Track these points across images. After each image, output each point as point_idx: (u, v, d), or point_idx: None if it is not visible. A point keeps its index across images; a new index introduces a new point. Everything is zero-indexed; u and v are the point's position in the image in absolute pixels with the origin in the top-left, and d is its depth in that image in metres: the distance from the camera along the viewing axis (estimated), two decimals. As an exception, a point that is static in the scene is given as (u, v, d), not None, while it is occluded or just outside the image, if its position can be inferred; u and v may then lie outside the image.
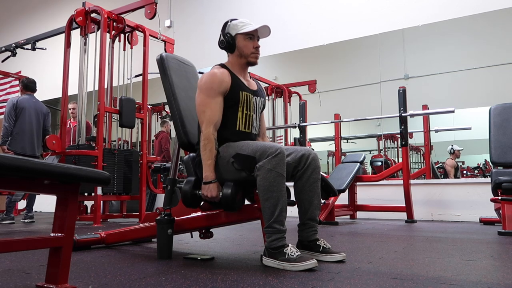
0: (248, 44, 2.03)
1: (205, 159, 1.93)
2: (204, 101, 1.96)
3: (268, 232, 1.81)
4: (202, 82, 2.00)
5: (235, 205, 1.90)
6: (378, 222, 4.50)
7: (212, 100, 1.95)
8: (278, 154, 1.80)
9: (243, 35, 2.03)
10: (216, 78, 1.97)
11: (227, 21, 2.08)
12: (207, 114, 1.94)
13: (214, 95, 1.95)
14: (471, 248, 2.41)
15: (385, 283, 1.50)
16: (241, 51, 2.04)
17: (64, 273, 1.38)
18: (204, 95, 1.97)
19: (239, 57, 2.06)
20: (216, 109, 1.95)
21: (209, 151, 1.92)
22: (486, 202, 3.92)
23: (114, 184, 4.67)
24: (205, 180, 1.93)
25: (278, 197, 1.79)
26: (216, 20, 7.07)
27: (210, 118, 1.94)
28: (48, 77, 7.59)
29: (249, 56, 2.05)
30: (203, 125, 1.95)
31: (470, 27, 5.39)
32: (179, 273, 1.68)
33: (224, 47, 2.06)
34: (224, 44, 2.05)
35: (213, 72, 2.00)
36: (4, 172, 1.13)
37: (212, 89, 1.96)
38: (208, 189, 1.92)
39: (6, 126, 4.68)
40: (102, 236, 2.51)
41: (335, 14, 6.06)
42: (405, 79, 5.80)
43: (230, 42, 2.04)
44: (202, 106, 1.96)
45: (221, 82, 1.97)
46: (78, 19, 4.80)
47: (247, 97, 2.04)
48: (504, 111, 3.85)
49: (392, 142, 6.45)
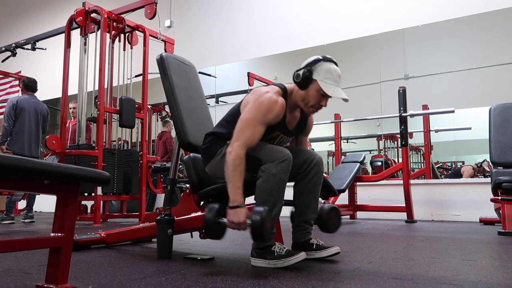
0: (316, 98, 1.89)
1: (234, 180, 1.76)
2: (252, 122, 1.82)
3: None
4: (259, 102, 1.83)
5: (266, 235, 1.68)
6: (378, 222, 4.50)
7: (259, 125, 1.82)
8: (284, 160, 1.77)
9: (320, 88, 1.86)
10: (275, 110, 1.84)
11: (318, 59, 1.89)
12: (247, 134, 1.80)
13: (263, 122, 1.83)
14: (471, 248, 2.41)
15: (385, 283, 1.50)
16: (307, 97, 1.90)
17: (64, 273, 1.38)
18: (254, 116, 1.82)
19: (301, 99, 1.91)
20: (257, 135, 1.82)
21: (240, 173, 1.77)
22: (486, 202, 3.92)
23: (114, 184, 4.67)
24: (233, 204, 1.75)
25: (275, 202, 1.79)
26: (216, 20, 7.08)
27: (248, 139, 1.80)
28: (48, 77, 7.59)
29: (309, 107, 1.92)
30: (237, 143, 1.79)
31: (470, 27, 5.39)
32: (179, 273, 1.68)
33: (297, 82, 1.89)
34: (299, 79, 1.88)
35: (276, 102, 1.84)
36: (4, 172, 1.13)
37: (265, 116, 1.83)
38: (235, 214, 1.73)
39: (6, 126, 4.68)
40: (102, 236, 2.51)
41: (335, 14, 6.06)
42: (405, 79, 5.80)
43: (306, 81, 1.87)
44: (245, 123, 1.82)
45: (276, 116, 1.86)
46: (78, 19, 4.80)
47: (278, 137, 1.98)
48: (504, 111, 3.85)
49: (392, 142, 6.45)
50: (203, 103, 2.40)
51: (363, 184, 5.18)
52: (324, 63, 1.88)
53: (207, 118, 2.38)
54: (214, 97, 7.24)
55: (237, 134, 1.82)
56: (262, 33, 6.57)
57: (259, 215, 1.66)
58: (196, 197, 2.19)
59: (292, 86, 1.94)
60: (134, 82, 5.44)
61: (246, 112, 1.85)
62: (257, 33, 6.62)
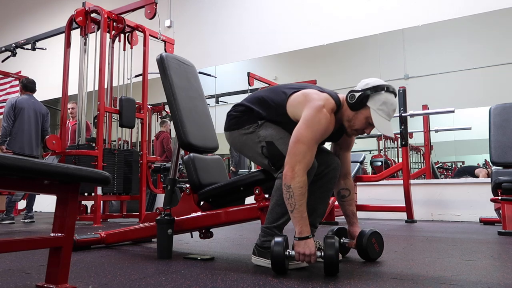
0: (363, 124, 1.80)
1: (301, 210, 1.66)
2: (311, 143, 1.71)
3: (265, 232, 1.81)
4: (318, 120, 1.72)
5: (338, 268, 1.60)
6: (378, 222, 4.50)
7: (316, 145, 1.74)
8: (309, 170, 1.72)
9: (370, 117, 1.76)
10: (330, 128, 1.78)
11: (382, 87, 1.76)
12: (308, 158, 1.70)
13: (319, 140, 1.75)
14: (471, 248, 2.41)
15: (385, 283, 1.50)
16: (354, 119, 1.81)
17: (64, 273, 1.38)
18: (313, 136, 1.71)
19: (348, 119, 1.82)
20: (314, 156, 1.74)
21: (305, 201, 1.68)
22: (486, 202, 3.92)
23: (114, 184, 4.67)
24: (302, 236, 1.65)
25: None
26: (216, 20, 7.08)
27: (309, 163, 1.70)
28: (48, 77, 7.59)
29: (351, 129, 1.84)
30: (299, 166, 1.67)
31: (470, 27, 5.38)
32: (179, 273, 1.68)
33: (350, 102, 1.79)
34: (353, 100, 1.77)
35: (331, 121, 1.77)
36: (4, 172, 1.13)
37: (322, 136, 1.75)
38: (306, 246, 1.64)
39: (5, 126, 4.69)
40: (102, 236, 2.51)
41: (335, 14, 6.05)
42: (405, 79, 5.80)
43: (359, 104, 1.77)
44: (305, 146, 1.69)
45: (328, 133, 1.79)
46: (78, 19, 4.80)
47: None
48: (504, 111, 3.85)
49: (392, 142, 6.45)
50: (203, 103, 2.40)
51: (363, 184, 5.18)
52: (385, 94, 1.76)
53: (207, 118, 2.38)
54: (214, 97, 7.24)
55: (298, 156, 1.68)
56: (262, 33, 6.57)
57: (333, 249, 1.56)
58: (196, 197, 2.19)
59: (343, 100, 1.85)
60: (134, 82, 5.44)
61: (304, 130, 1.71)
62: (257, 33, 6.62)
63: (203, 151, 2.25)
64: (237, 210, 2.06)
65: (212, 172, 2.31)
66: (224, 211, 2.08)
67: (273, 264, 1.61)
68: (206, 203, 2.20)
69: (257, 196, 1.95)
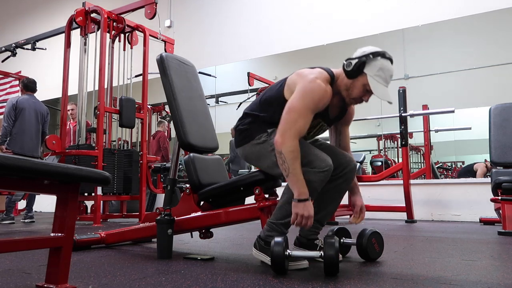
0: (361, 92, 1.80)
1: (297, 173, 1.68)
2: (303, 111, 1.73)
3: (271, 227, 1.80)
4: (310, 90, 1.75)
5: (338, 268, 1.60)
6: (378, 222, 4.50)
7: (310, 114, 1.75)
8: (324, 171, 1.72)
9: (367, 83, 1.77)
10: (325, 98, 1.77)
11: (376, 52, 1.77)
12: (299, 124, 1.72)
13: (314, 111, 1.76)
14: (471, 248, 2.41)
15: (385, 283, 1.50)
16: (352, 87, 1.81)
17: (64, 273, 1.38)
18: (305, 105, 1.73)
19: (346, 88, 1.82)
20: (308, 124, 1.76)
21: (299, 164, 1.69)
22: (486, 202, 3.92)
23: (114, 184, 4.67)
24: (301, 197, 1.67)
25: None
26: (216, 20, 7.08)
27: (300, 129, 1.72)
28: (48, 77, 7.59)
29: (351, 98, 1.84)
30: (289, 132, 1.70)
31: (470, 27, 5.38)
32: (179, 273, 1.68)
33: (346, 70, 1.79)
34: (349, 68, 1.77)
35: (325, 90, 1.77)
36: (4, 172, 1.13)
37: (316, 105, 1.75)
38: (305, 208, 1.67)
39: (5, 126, 4.69)
40: (102, 236, 2.51)
41: (335, 14, 6.05)
42: (405, 79, 5.80)
43: (356, 72, 1.77)
44: (297, 114, 1.72)
45: (325, 104, 1.79)
46: (78, 19, 4.80)
47: (319, 125, 1.93)
48: (504, 111, 3.85)
49: (392, 142, 6.45)
50: (203, 103, 2.40)
51: (363, 184, 5.16)
52: (381, 59, 1.76)
53: (207, 118, 2.38)
54: (214, 97, 7.24)
55: (289, 124, 1.72)
56: (262, 33, 6.57)
57: (333, 249, 1.56)
58: (196, 197, 2.19)
59: (339, 72, 1.85)
60: (134, 82, 5.44)
61: (296, 100, 1.75)
62: (257, 33, 6.62)
63: (203, 151, 2.25)
64: (237, 210, 2.06)
65: (212, 172, 2.31)
66: (224, 211, 2.08)
67: (273, 264, 1.61)
68: (206, 203, 2.20)
69: (257, 196, 1.95)
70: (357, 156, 5.14)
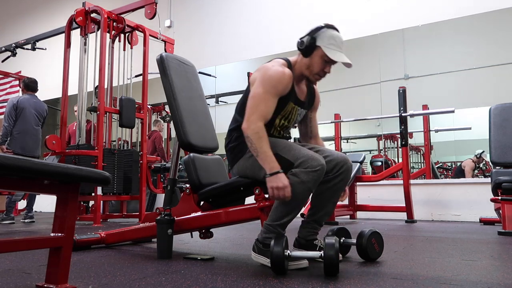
0: (321, 65, 1.88)
1: (264, 150, 1.75)
2: (263, 95, 1.82)
3: (268, 229, 1.80)
4: (268, 75, 1.84)
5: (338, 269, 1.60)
6: (378, 222, 4.50)
7: (271, 97, 1.83)
8: (317, 170, 1.72)
9: (324, 54, 1.86)
10: (284, 81, 1.84)
11: (321, 26, 1.89)
12: (261, 108, 1.81)
13: (274, 94, 1.83)
14: (471, 248, 2.41)
15: (385, 283, 1.50)
16: (311, 64, 1.89)
17: (64, 273, 1.38)
18: (264, 89, 1.82)
19: (306, 67, 1.91)
20: (271, 107, 1.83)
21: (266, 142, 1.77)
22: (486, 202, 3.92)
23: (114, 184, 4.67)
24: (272, 171, 1.72)
25: (295, 208, 1.77)
26: (216, 20, 7.08)
27: (263, 112, 1.81)
28: (48, 77, 7.59)
29: (314, 74, 1.91)
30: (253, 116, 1.79)
31: (470, 27, 5.39)
32: (179, 273, 1.68)
33: (301, 49, 1.90)
34: (302, 46, 1.88)
35: (283, 73, 1.84)
36: (4, 172, 1.13)
37: (275, 88, 1.83)
38: (278, 180, 1.70)
39: (6, 126, 4.69)
40: (102, 236, 2.51)
41: (335, 14, 6.05)
42: (405, 79, 5.80)
43: (310, 48, 1.87)
44: (257, 99, 1.82)
45: (286, 86, 1.86)
46: (78, 19, 4.80)
47: (292, 109, 1.95)
48: (504, 111, 3.85)
49: (392, 142, 6.45)
50: (203, 103, 2.40)
51: (363, 184, 5.18)
52: (328, 30, 1.88)
53: (207, 118, 2.38)
54: (214, 97, 7.24)
55: (251, 109, 1.81)
56: (262, 33, 6.57)
57: (333, 250, 1.56)
58: (196, 197, 2.19)
59: (295, 58, 1.95)
60: (134, 82, 5.44)
61: (256, 88, 1.85)
62: (257, 33, 6.62)
63: (203, 151, 2.25)
64: (237, 210, 2.06)
65: (212, 172, 2.31)
66: (224, 211, 2.08)
67: (273, 265, 1.61)
68: (206, 203, 2.20)
69: (257, 196, 1.95)
70: (357, 156, 5.14)
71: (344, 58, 1.88)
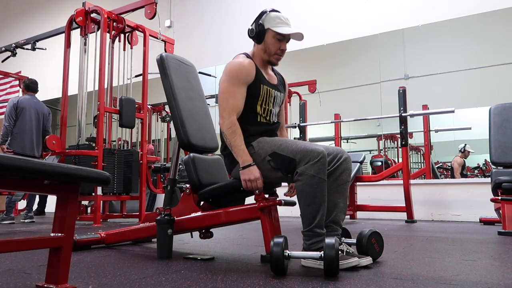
0: (276, 44, 2.00)
1: (237, 145, 1.87)
2: (228, 89, 1.92)
3: (308, 235, 1.77)
4: (228, 70, 1.95)
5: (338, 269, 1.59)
6: (378, 222, 4.50)
7: (237, 89, 1.92)
8: (320, 159, 1.73)
9: (274, 33, 1.98)
10: (244, 68, 1.93)
11: (264, 11, 2.04)
12: (230, 102, 1.90)
13: (239, 85, 1.92)
14: (471, 248, 2.41)
15: (385, 283, 1.50)
16: (266, 47, 2.00)
17: (64, 273, 1.38)
18: (228, 83, 1.93)
19: (263, 51, 2.02)
20: (239, 99, 1.92)
21: (239, 136, 1.87)
22: (486, 202, 3.92)
23: (114, 184, 4.67)
24: (244, 165, 1.85)
25: (320, 203, 1.75)
26: (216, 20, 7.07)
27: (233, 106, 1.90)
28: (48, 77, 7.59)
29: (271, 55, 2.02)
30: (224, 112, 1.89)
31: (470, 27, 5.39)
32: (179, 273, 1.68)
33: (253, 37, 2.02)
34: (253, 33, 2.02)
35: (241, 62, 1.95)
36: (4, 172, 1.13)
37: (238, 78, 1.92)
38: (250, 172, 1.83)
39: (6, 125, 4.69)
40: (102, 236, 2.51)
41: (335, 14, 6.06)
42: (405, 79, 5.80)
43: (260, 33, 2.00)
44: (225, 94, 1.92)
45: (248, 73, 1.94)
46: (78, 19, 4.80)
47: (268, 92, 2.00)
48: (504, 111, 3.85)
49: (392, 142, 6.45)
50: (203, 103, 2.40)
51: (363, 184, 5.18)
52: (271, 12, 2.04)
53: (207, 118, 2.38)
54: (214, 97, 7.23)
55: (222, 106, 1.92)
56: (262, 33, 6.56)
57: (333, 250, 1.55)
58: (196, 197, 2.19)
59: (252, 49, 2.06)
60: (134, 82, 5.44)
61: (221, 84, 1.96)
62: (257, 33, 6.61)
63: (203, 151, 2.25)
64: (237, 210, 2.06)
65: (212, 172, 2.31)
66: (224, 211, 2.08)
67: (272, 265, 1.61)
68: (206, 203, 2.20)
69: (257, 196, 1.95)
70: (357, 156, 5.14)
71: (293, 30, 2.00)
